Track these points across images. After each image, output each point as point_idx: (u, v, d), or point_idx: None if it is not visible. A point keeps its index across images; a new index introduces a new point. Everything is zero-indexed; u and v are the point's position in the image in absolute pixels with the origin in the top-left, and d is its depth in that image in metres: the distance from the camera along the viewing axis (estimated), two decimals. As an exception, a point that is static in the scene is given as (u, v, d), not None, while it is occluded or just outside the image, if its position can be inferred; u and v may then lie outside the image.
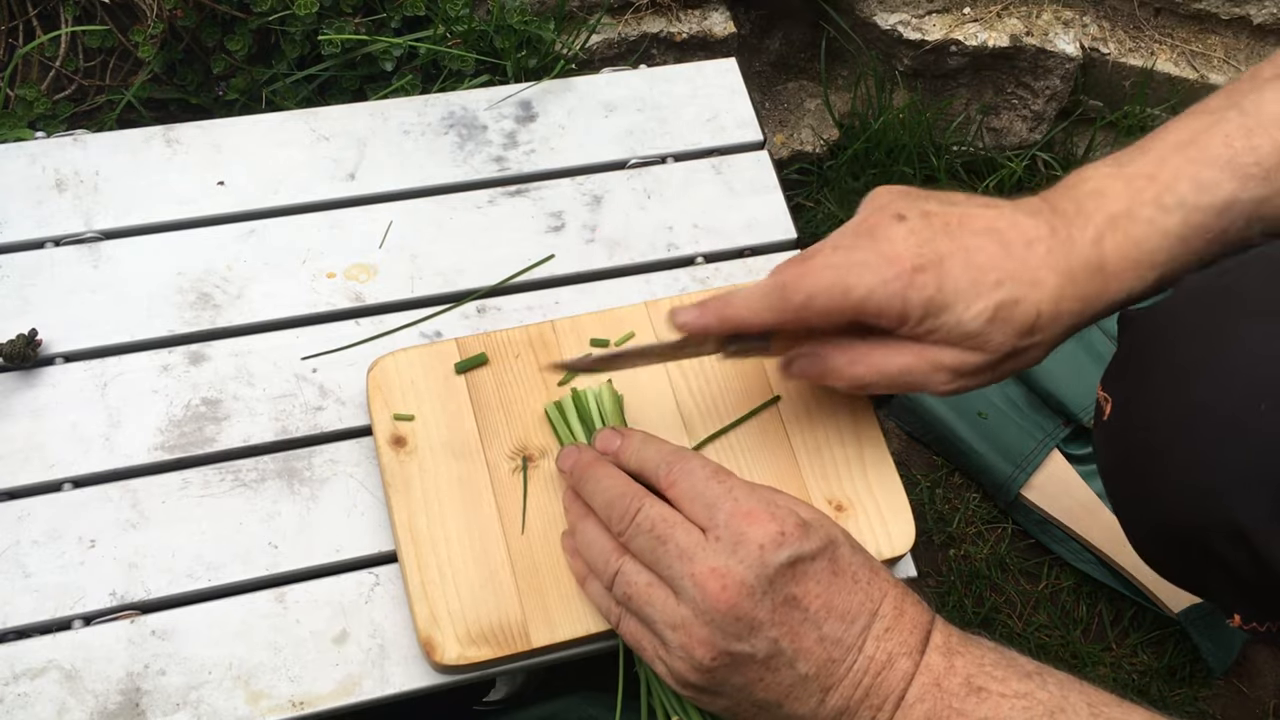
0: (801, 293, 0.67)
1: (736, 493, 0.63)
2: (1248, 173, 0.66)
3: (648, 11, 1.26)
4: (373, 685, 0.70)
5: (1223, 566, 0.65)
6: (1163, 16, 1.42)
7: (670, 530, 0.62)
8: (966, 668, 0.61)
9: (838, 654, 0.60)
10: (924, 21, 1.38)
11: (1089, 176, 0.70)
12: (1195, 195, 0.66)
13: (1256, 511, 0.61)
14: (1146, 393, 0.68)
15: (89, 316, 0.80)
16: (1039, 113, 1.44)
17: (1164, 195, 0.67)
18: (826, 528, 0.63)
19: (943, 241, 0.67)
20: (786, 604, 0.60)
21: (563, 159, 0.91)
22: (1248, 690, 1.22)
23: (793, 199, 1.38)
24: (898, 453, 1.32)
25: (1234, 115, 0.68)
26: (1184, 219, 0.67)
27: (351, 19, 1.09)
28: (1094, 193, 0.68)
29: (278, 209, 0.86)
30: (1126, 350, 0.71)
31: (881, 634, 0.61)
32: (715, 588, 0.60)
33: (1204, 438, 0.63)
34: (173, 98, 1.12)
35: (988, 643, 0.63)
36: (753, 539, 0.60)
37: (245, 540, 0.74)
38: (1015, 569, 1.27)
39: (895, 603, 0.62)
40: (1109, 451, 0.73)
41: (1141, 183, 0.67)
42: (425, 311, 0.83)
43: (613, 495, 0.66)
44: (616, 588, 0.65)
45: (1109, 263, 0.67)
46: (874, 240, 0.67)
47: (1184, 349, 0.66)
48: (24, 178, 0.85)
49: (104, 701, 0.68)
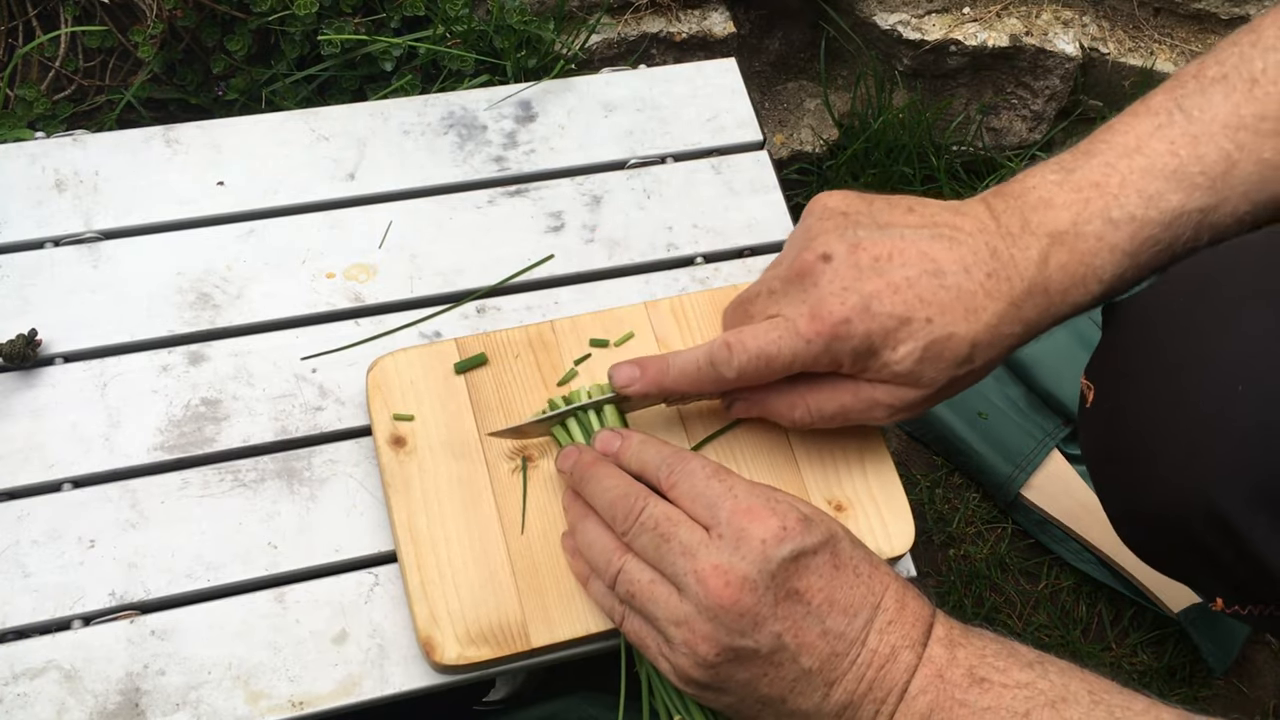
0: (732, 369, 0.69)
1: (737, 490, 0.63)
2: (1194, 183, 0.66)
3: (647, 11, 1.26)
4: (372, 685, 0.70)
5: (1204, 551, 0.65)
6: (1162, 16, 1.42)
7: (674, 528, 0.63)
8: (969, 659, 0.61)
9: (841, 648, 0.61)
10: (924, 21, 1.38)
11: (1035, 184, 0.69)
12: (1143, 209, 0.66)
13: (1236, 496, 0.61)
14: (1128, 380, 0.68)
15: (89, 316, 0.80)
16: (1039, 112, 1.44)
17: (1111, 208, 0.66)
18: (827, 523, 0.63)
19: (869, 281, 0.66)
20: (789, 599, 0.60)
21: (562, 159, 0.91)
22: (1248, 690, 1.22)
23: (793, 199, 1.38)
24: (898, 453, 1.32)
25: (1180, 119, 0.67)
26: (1132, 234, 0.66)
27: (351, 19, 1.09)
28: (1040, 203, 0.68)
29: (278, 209, 0.86)
30: (1109, 339, 0.72)
31: (884, 627, 0.61)
32: (718, 584, 0.60)
33: (1184, 424, 0.64)
34: (172, 98, 1.12)
35: (989, 634, 0.63)
36: (754, 535, 0.61)
37: (245, 540, 0.74)
38: (1015, 569, 1.27)
39: (897, 596, 0.62)
40: (1091, 438, 0.74)
41: (1089, 192, 0.67)
42: (425, 311, 0.83)
43: (615, 495, 0.66)
44: (619, 586, 0.65)
45: (1053, 282, 0.67)
46: (802, 288, 0.68)
47: (1165, 336, 0.66)
48: (24, 178, 0.85)
49: (103, 701, 0.68)
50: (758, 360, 0.68)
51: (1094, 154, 0.68)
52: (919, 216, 0.69)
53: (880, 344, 0.67)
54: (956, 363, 0.67)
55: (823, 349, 0.67)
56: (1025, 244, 0.67)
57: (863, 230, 0.68)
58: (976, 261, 0.67)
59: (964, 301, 0.66)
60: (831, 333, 0.66)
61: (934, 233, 0.68)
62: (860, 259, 0.67)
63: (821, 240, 0.68)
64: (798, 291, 0.68)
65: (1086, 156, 0.69)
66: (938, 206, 0.70)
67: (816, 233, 0.69)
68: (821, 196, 0.72)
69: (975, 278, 0.66)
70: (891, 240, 0.67)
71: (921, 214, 0.69)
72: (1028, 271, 0.67)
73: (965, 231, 0.68)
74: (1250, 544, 0.61)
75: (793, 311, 0.68)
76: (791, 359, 0.68)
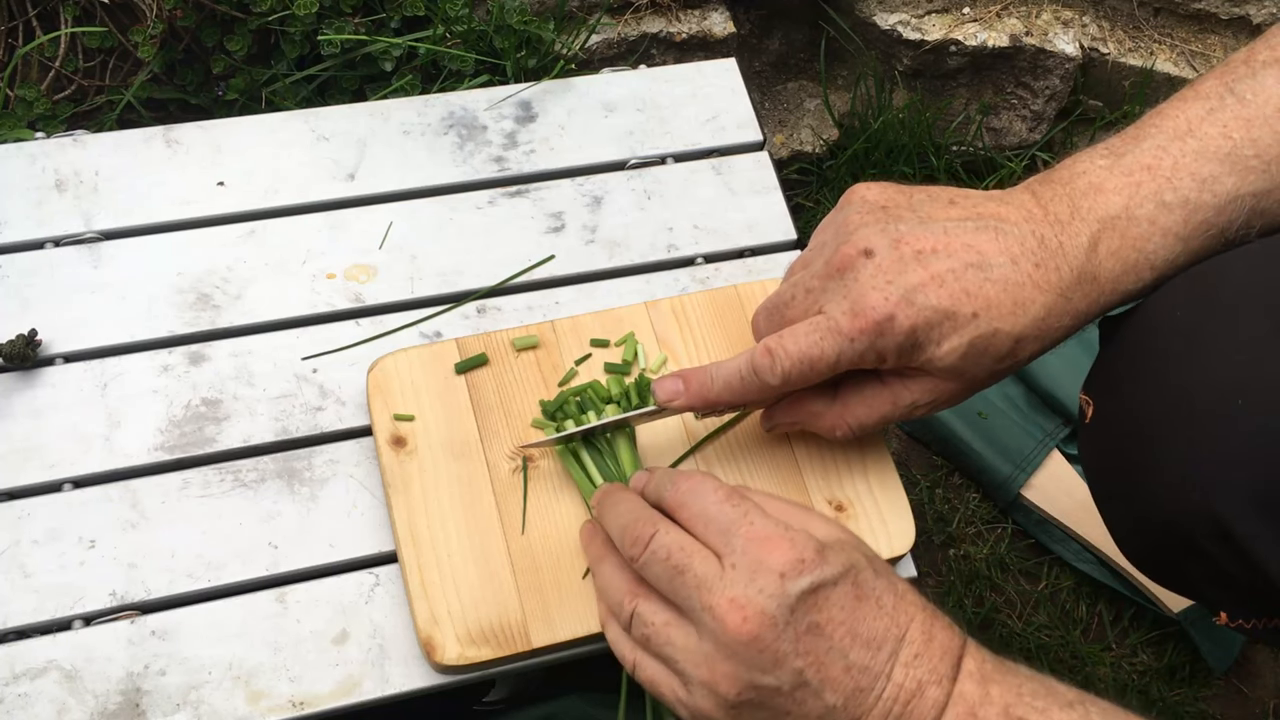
0: (776, 376, 0.67)
1: (753, 517, 0.60)
2: (1248, 166, 0.64)
3: (647, 11, 1.26)
4: (372, 685, 0.70)
5: (1208, 565, 0.64)
6: (1162, 16, 1.42)
7: (687, 559, 0.60)
8: (1004, 696, 0.58)
9: (865, 682, 0.58)
10: (924, 21, 1.38)
11: (1084, 169, 0.67)
12: (1197, 192, 0.64)
13: (1238, 508, 0.61)
14: (1126, 395, 0.68)
15: (89, 316, 0.80)
16: (1039, 113, 1.44)
17: (1164, 191, 0.64)
18: (846, 551, 0.60)
19: (914, 273, 0.64)
20: (810, 633, 0.58)
21: (563, 159, 0.91)
22: (1248, 690, 1.22)
23: (792, 199, 1.38)
24: (898, 453, 1.32)
25: (1232, 103, 0.65)
26: (1186, 217, 0.64)
27: (351, 19, 1.09)
28: (1090, 189, 0.66)
29: (278, 209, 0.86)
30: (1107, 353, 0.71)
31: (910, 660, 0.58)
32: (736, 620, 0.57)
33: (1184, 437, 0.63)
34: (173, 98, 1.12)
35: (1024, 670, 0.60)
36: (772, 567, 0.58)
37: (245, 540, 0.74)
38: (1015, 569, 1.27)
39: (923, 627, 0.59)
40: (1092, 454, 0.73)
41: (1140, 176, 0.65)
42: (425, 312, 0.83)
43: (626, 520, 0.64)
44: (634, 629, 0.63)
45: (1104, 270, 0.65)
46: (842, 283, 0.66)
47: (1163, 350, 0.65)
48: (24, 178, 0.85)
49: (104, 702, 0.68)
50: (801, 364, 0.66)
51: (1144, 138, 0.66)
52: (962, 208, 0.67)
53: (925, 338, 0.64)
54: (999, 358, 0.65)
55: (867, 346, 0.65)
56: (1075, 230, 0.65)
57: (904, 225, 0.66)
58: (1024, 252, 0.64)
59: (1011, 294, 0.64)
60: (876, 329, 0.64)
61: (979, 224, 0.65)
62: (903, 253, 0.65)
63: (861, 234, 0.66)
64: (838, 287, 0.66)
65: (1136, 141, 0.66)
66: (980, 197, 0.68)
67: (856, 226, 0.67)
68: (859, 188, 0.69)
69: (1023, 269, 0.64)
70: (935, 234, 0.65)
71: (964, 206, 0.67)
72: (1076, 260, 0.64)
73: (1011, 221, 0.65)
74: (1252, 555, 0.60)
75: (834, 309, 0.66)
76: (836, 359, 0.66)
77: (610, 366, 0.78)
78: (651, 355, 0.79)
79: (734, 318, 0.81)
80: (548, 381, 0.77)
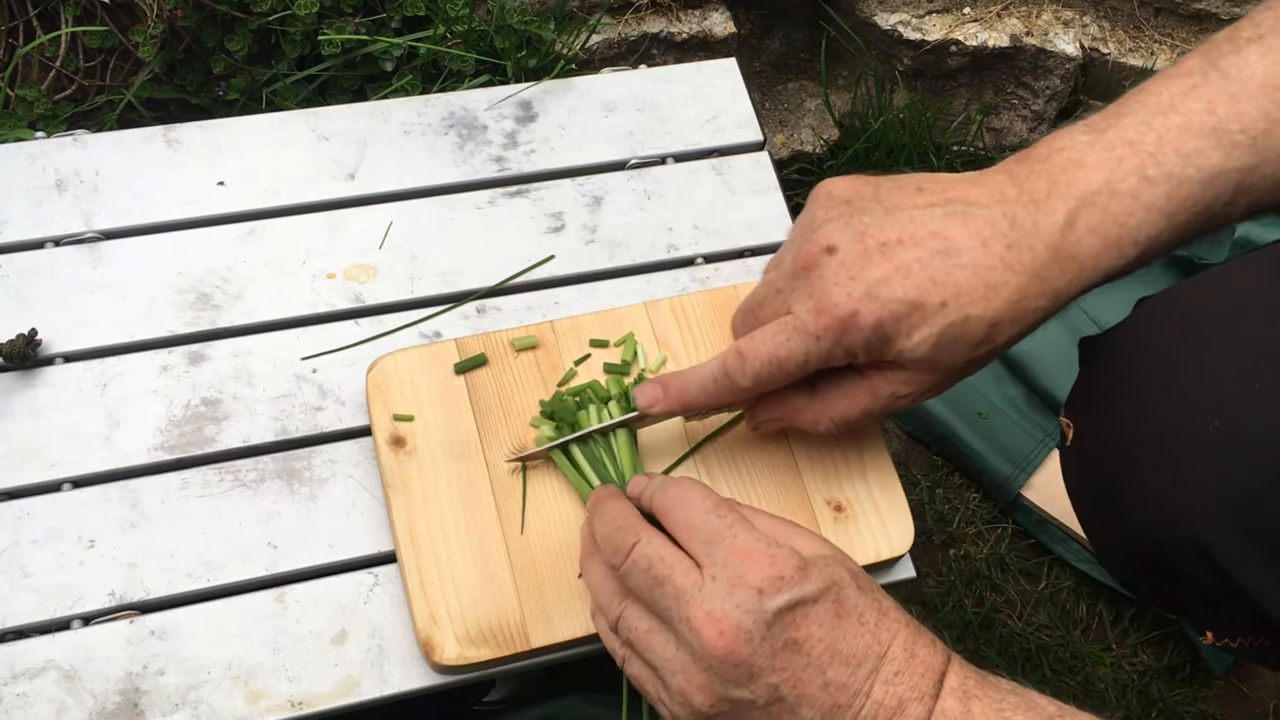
0: (747, 377, 0.67)
1: (737, 529, 0.60)
2: (1233, 141, 0.62)
3: (648, 11, 1.26)
4: (372, 685, 0.70)
5: (1191, 584, 0.64)
6: (1163, 16, 1.42)
7: (667, 570, 0.60)
8: (985, 713, 0.57)
9: (844, 699, 0.57)
10: (924, 21, 1.38)
11: (1063, 145, 0.65)
12: (1181, 166, 0.62)
13: (1218, 529, 0.60)
14: (1106, 416, 0.67)
15: (89, 316, 0.80)
16: (1039, 113, 1.44)
17: (1148, 166, 0.63)
18: (830, 569, 0.60)
19: (877, 267, 0.63)
20: (787, 649, 0.57)
21: (563, 159, 0.91)
22: (1248, 690, 1.22)
23: (793, 199, 1.38)
24: (898, 453, 1.32)
25: (1216, 78, 0.64)
26: (1170, 192, 0.62)
27: (351, 19, 1.09)
28: (1070, 164, 0.64)
29: (278, 209, 0.86)
30: (1086, 375, 0.71)
31: (890, 678, 0.58)
32: (712, 633, 0.57)
33: (1163, 458, 0.62)
34: (173, 98, 1.12)
35: (1006, 683, 0.60)
36: (750, 582, 0.58)
37: (245, 540, 0.74)
38: (1015, 569, 1.27)
39: (906, 644, 0.59)
40: (1074, 475, 0.73)
41: (1122, 150, 0.63)
42: (425, 312, 0.83)
43: (610, 528, 0.64)
44: (620, 632, 0.63)
45: (1083, 247, 0.63)
46: (807, 281, 0.65)
47: (1141, 373, 0.65)
48: (24, 178, 0.85)
49: (103, 702, 0.68)
50: (770, 365, 0.66)
51: (1126, 114, 0.65)
52: (929, 195, 0.66)
53: (893, 331, 0.63)
54: (975, 344, 0.64)
55: (833, 344, 0.64)
56: (1050, 208, 0.63)
57: (869, 217, 0.65)
58: (994, 234, 0.63)
59: (982, 278, 0.63)
60: (840, 326, 0.63)
61: (947, 210, 0.64)
62: (867, 246, 0.64)
63: (825, 231, 0.65)
64: (803, 286, 0.65)
65: (1118, 117, 0.65)
66: (950, 180, 0.66)
67: (820, 222, 0.66)
68: (826, 183, 0.69)
69: (994, 251, 0.63)
70: (900, 224, 0.64)
71: (932, 192, 0.65)
72: (1051, 237, 0.63)
73: (981, 204, 0.64)
74: (1234, 578, 0.60)
75: (800, 308, 0.65)
76: (804, 358, 0.65)
77: (610, 367, 0.78)
78: (651, 355, 0.79)
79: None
80: (547, 382, 0.77)
